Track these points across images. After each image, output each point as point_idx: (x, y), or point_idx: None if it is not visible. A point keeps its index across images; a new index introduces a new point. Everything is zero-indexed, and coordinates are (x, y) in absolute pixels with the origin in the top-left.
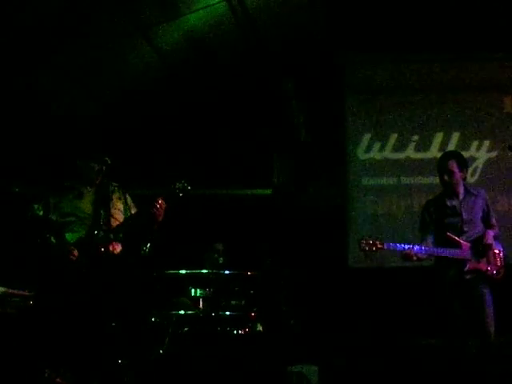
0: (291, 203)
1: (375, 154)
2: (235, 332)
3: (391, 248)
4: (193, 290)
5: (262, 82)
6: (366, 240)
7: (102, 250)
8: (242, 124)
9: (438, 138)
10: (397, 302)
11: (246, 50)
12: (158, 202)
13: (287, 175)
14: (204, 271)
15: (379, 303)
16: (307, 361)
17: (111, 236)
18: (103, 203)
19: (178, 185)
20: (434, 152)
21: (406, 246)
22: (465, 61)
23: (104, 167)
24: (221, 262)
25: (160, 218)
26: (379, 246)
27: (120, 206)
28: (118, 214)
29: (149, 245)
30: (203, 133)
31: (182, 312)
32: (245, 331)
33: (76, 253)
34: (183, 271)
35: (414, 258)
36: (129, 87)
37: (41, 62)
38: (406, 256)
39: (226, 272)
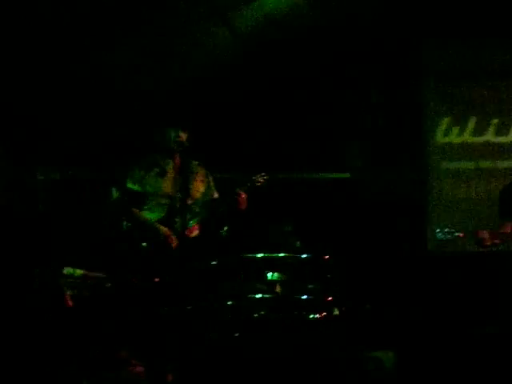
0: (369, 187)
1: (454, 137)
2: (311, 316)
3: None
4: (269, 274)
5: (339, 67)
6: None
7: (180, 234)
8: (320, 108)
9: None
10: (480, 288)
11: (324, 35)
12: (240, 195)
13: (365, 159)
14: (281, 255)
15: (461, 289)
16: (384, 346)
17: (189, 219)
18: (185, 184)
19: (258, 177)
20: None
21: None
22: None
23: (182, 136)
24: (297, 245)
25: (242, 208)
26: None
27: (201, 187)
28: (197, 195)
29: (226, 228)
30: (280, 117)
31: (259, 296)
32: (321, 315)
33: (174, 239)
34: (260, 255)
35: (489, 242)
36: (205, 71)
37: (118, 42)
38: (480, 241)
39: (303, 256)
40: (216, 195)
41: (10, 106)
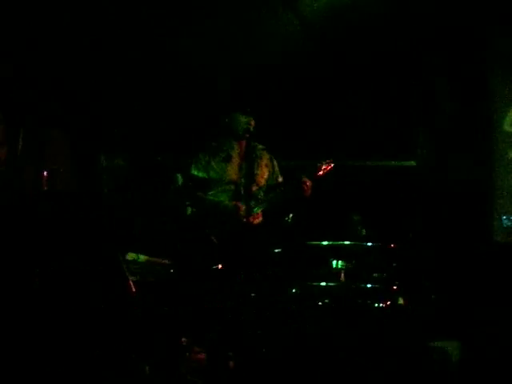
0: (434, 175)
1: None
2: (376, 305)
3: None
4: (334, 262)
5: (406, 55)
6: None
7: (245, 220)
8: (386, 96)
9: None
10: None
11: (390, 22)
12: (305, 183)
13: (431, 147)
14: (347, 243)
15: None
16: (449, 336)
17: (254, 205)
18: (250, 170)
19: (323, 164)
20: None
21: None
22: None
23: (251, 122)
24: (363, 233)
25: (307, 195)
26: None
27: (265, 173)
28: (262, 181)
29: (291, 215)
30: (346, 105)
31: (323, 284)
32: (386, 304)
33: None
34: (325, 242)
35: None
36: (273, 58)
37: (186, 30)
38: None
39: (369, 244)
40: (280, 179)
41: (77, 92)
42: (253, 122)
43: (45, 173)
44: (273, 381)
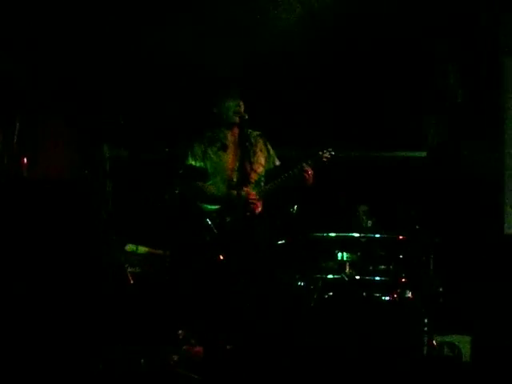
0: (445, 166)
1: None
2: (383, 298)
3: None
4: (339, 254)
5: (416, 42)
6: None
7: (246, 209)
8: (397, 85)
9: None
10: None
11: (400, 9)
12: (307, 172)
13: (442, 138)
14: (354, 234)
15: None
16: (460, 331)
17: (255, 195)
18: (246, 157)
19: (325, 153)
20: None
21: None
22: None
23: (240, 105)
24: (369, 225)
25: (309, 184)
26: None
27: (262, 159)
28: (260, 168)
29: (296, 206)
30: (357, 94)
31: (330, 276)
32: (393, 297)
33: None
34: (332, 234)
35: None
36: (276, 46)
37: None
38: None
39: (377, 236)
40: (278, 162)
41: (76, 82)
42: (242, 105)
43: (24, 159)
44: (272, 376)
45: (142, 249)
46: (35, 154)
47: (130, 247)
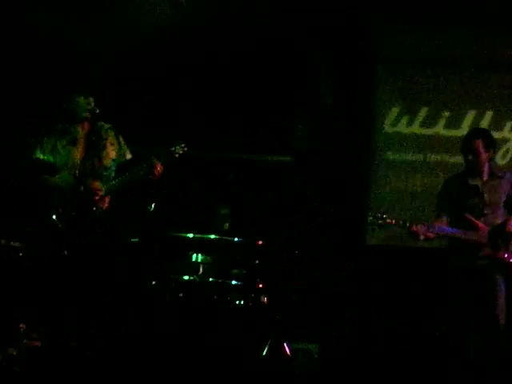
0: (310, 172)
1: (403, 127)
2: (237, 302)
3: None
4: (194, 255)
5: (287, 46)
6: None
7: (92, 203)
8: (266, 89)
9: (470, 115)
10: (408, 284)
11: (272, 13)
12: (156, 167)
13: (311, 144)
14: (212, 236)
15: (391, 284)
16: (309, 338)
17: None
18: (95, 152)
19: (176, 148)
20: (465, 130)
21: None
22: (501, 37)
23: (91, 102)
24: (226, 228)
25: (156, 179)
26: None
27: (112, 152)
28: (109, 162)
29: (154, 204)
30: (222, 94)
31: (184, 277)
32: (246, 302)
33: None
34: (190, 235)
35: (422, 237)
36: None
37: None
38: (412, 234)
39: (236, 239)
40: (129, 156)
41: None
42: (92, 101)
43: None
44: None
45: None
46: None
47: None
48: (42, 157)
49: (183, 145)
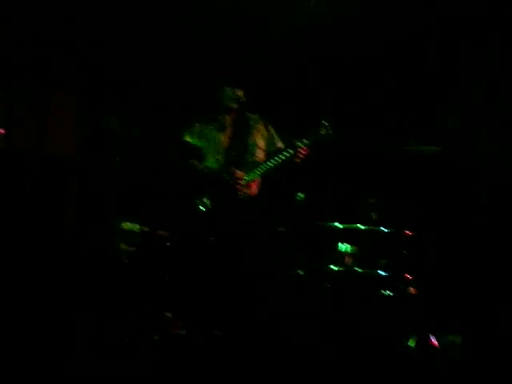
0: (460, 163)
1: None
2: (383, 292)
3: None
4: (341, 246)
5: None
6: None
7: (238, 190)
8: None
9: None
10: None
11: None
12: (300, 151)
13: (459, 134)
14: (360, 227)
15: None
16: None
17: (242, 175)
18: (241, 140)
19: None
20: None
21: None
22: None
23: (239, 94)
24: (374, 218)
25: (298, 162)
26: None
27: (261, 142)
28: (260, 152)
29: (303, 194)
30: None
31: (330, 267)
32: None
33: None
34: (339, 225)
35: None
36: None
37: None
38: None
39: (384, 230)
40: (280, 144)
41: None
42: (240, 93)
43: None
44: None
45: (139, 227)
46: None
47: (127, 225)
48: (190, 140)
49: (328, 126)
